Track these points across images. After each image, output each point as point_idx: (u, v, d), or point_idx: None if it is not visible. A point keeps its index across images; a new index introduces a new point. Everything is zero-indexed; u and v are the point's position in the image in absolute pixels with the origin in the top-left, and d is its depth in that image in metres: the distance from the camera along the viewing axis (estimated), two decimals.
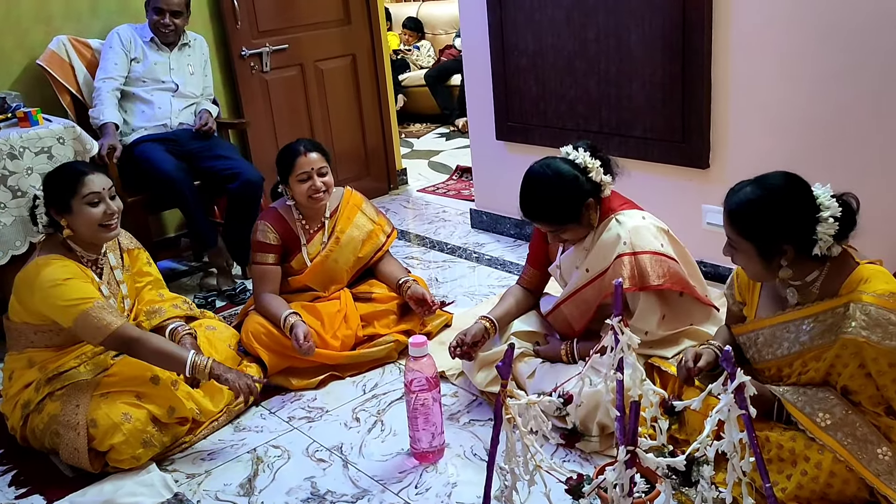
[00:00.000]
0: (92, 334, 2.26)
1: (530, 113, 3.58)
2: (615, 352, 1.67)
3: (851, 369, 1.77)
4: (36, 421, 2.33)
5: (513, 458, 1.68)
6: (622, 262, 2.25)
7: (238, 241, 3.45)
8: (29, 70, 3.52)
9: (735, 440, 1.48)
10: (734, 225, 1.84)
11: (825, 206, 1.76)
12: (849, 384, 1.80)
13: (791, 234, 1.78)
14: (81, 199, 2.31)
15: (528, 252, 2.64)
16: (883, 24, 2.47)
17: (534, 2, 3.38)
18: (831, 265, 1.84)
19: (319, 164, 2.83)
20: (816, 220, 1.76)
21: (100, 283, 2.41)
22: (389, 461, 2.29)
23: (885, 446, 1.74)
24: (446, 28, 7.43)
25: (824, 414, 1.78)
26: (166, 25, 3.47)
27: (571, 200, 2.26)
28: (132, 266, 2.60)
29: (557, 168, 2.27)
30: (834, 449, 1.74)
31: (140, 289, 2.63)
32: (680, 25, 2.92)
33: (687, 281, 2.30)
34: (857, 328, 1.73)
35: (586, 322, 2.42)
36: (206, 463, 2.35)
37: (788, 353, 1.91)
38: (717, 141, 2.99)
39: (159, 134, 3.51)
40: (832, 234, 1.76)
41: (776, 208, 1.78)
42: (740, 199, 1.83)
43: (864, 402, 1.80)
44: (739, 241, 1.84)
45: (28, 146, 2.97)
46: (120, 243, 2.56)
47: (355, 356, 2.78)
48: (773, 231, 1.79)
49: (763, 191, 1.81)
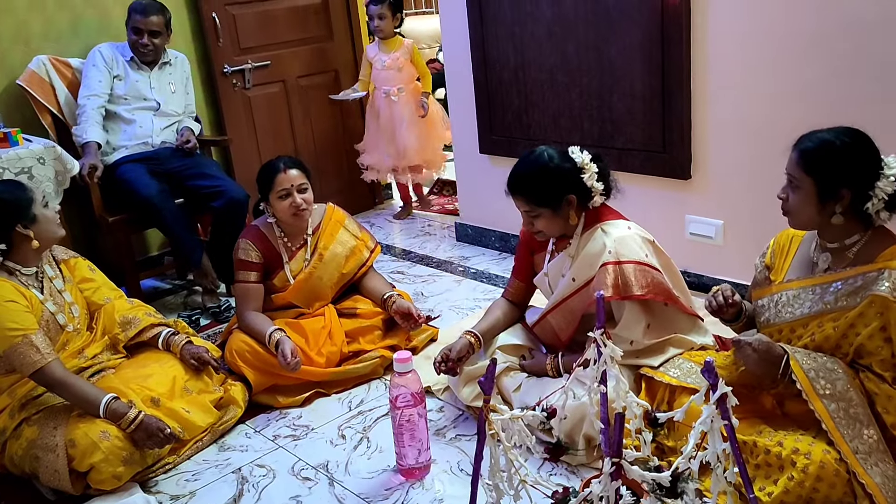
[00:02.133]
0: (20, 368, 2.27)
1: (513, 126, 3.59)
2: (598, 364, 1.67)
3: (872, 329, 1.83)
4: (14, 447, 2.30)
5: (497, 473, 1.67)
6: (606, 270, 2.26)
7: (223, 259, 3.43)
8: (8, 90, 3.51)
9: (719, 450, 1.48)
10: (803, 160, 1.89)
11: (891, 166, 1.84)
12: (866, 344, 1.84)
13: (853, 180, 1.84)
14: (41, 206, 2.38)
15: (514, 264, 2.64)
16: (860, 35, 2.49)
17: (515, 16, 3.40)
18: (872, 234, 1.90)
19: (299, 181, 2.82)
20: (878, 176, 1.83)
21: (43, 300, 2.40)
22: (376, 478, 2.27)
23: (872, 429, 1.79)
24: (429, 42, 7.45)
25: (826, 383, 1.83)
26: (145, 45, 3.46)
27: (553, 184, 2.28)
28: (73, 276, 2.59)
29: (552, 153, 2.32)
30: (822, 418, 1.79)
31: (90, 296, 2.60)
32: (659, 39, 2.94)
33: (670, 291, 2.31)
34: (889, 288, 1.80)
35: (573, 331, 2.42)
36: (191, 484, 2.33)
37: (809, 313, 1.95)
38: (699, 152, 3.01)
39: (141, 153, 3.50)
40: (890, 192, 1.83)
41: (846, 151, 1.86)
42: (813, 139, 1.90)
43: (874, 365, 1.84)
44: (802, 178, 1.89)
45: (8, 167, 2.95)
46: (54, 256, 2.56)
47: (340, 373, 2.77)
48: (837, 171, 1.85)
49: (837, 136, 1.88)
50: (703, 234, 3.10)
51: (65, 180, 3.16)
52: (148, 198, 3.31)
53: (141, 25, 3.45)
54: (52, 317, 2.42)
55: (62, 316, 2.45)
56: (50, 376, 2.26)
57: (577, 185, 2.30)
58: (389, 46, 4.32)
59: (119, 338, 2.54)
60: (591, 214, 2.36)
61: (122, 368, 2.50)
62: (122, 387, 2.36)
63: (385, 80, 4.33)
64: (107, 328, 2.58)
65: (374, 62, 4.34)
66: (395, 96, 4.32)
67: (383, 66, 4.31)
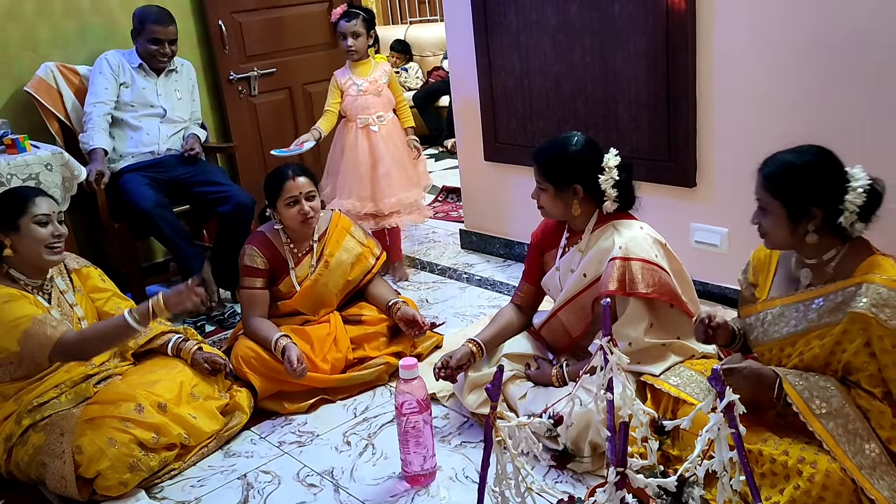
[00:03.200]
0: (39, 352, 2.25)
1: (518, 134, 3.60)
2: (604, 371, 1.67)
3: (857, 346, 1.82)
4: (20, 454, 2.31)
5: (504, 480, 1.67)
6: (614, 264, 2.28)
7: (228, 264, 3.44)
8: (16, 97, 3.53)
9: (725, 459, 1.49)
10: (768, 184, 1.90)
11: (856, 178, 1.84)
12: (852, 360, 1.84)
13: (821, 197, 1.85)
14: (31, 219, 2.33)
15: (524, 268, 2.66)
16: (863, 44, 2.50)
17: (520, 24, 3.41)
18: (850, 247, 1.90)
19: (307, 189, 2.83)
20: (846, 190, 1.83)
21: (49, 308, 2.39)
22: (381, 485, 2.27)
23: (873, 443, 1.78)
24: (434, 50, 7.48)
25: (821, 402, 1.82)
26: (164, 54, 3.49)
27: (564, 166, 2.34)
28: (83, 286, 2.58)
29: (582, 140, 2.37)
30: (822, 438, 1.77)
31: (101, 306, 2.60)
32: (664, 47, 2.95)
33: (676, 293, 2.31)
34: (867, 304, 1.79)
35: (584, 328, 2.43)
36: (196, 490, 2.33)
37: (794, 331, 1.94)
38: (704, 160, 3.01)
39: (146, 161, 3.51)
40: (859, 204, 1.82)
41: (809, 171, 1.86)
42: (776, 162, 1.91)
43: (862, 381, 1.83)
44: (770, 202, 1.90)
45: (16, 173, 2.97)
46: (66, 266, 2.55)
47: (346, 379, 2.77)
48: (804, 191, 1.86)
49: (798, 156, 1.89)
50: (709, 242, 3.10)
51: (72, 186, 3.18)
52: (145, 210, 3.30)
53: (161, 35, 3.46)
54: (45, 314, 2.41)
55: (69, 324, 2.45)
56: (69, 343, 2.26)
57: (590, 181, 2.33)
58: (364, 69, 3.70)
59: (129, 345, 2.54)
60: (602, 215, 2.39)
61: (128, 375, 2.51)
62: (129, 391, 2.36)
63: (362, 108, 3.67)
64: None
65: (347, 88, 3.69)
66: (376, 126, 3.68)
67: (359, 92, 3.67)
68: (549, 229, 2.57)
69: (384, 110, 3.72)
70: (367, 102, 3.67)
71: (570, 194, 2.35)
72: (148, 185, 3.39)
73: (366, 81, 3.67)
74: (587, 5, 3.14)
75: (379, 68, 3.73)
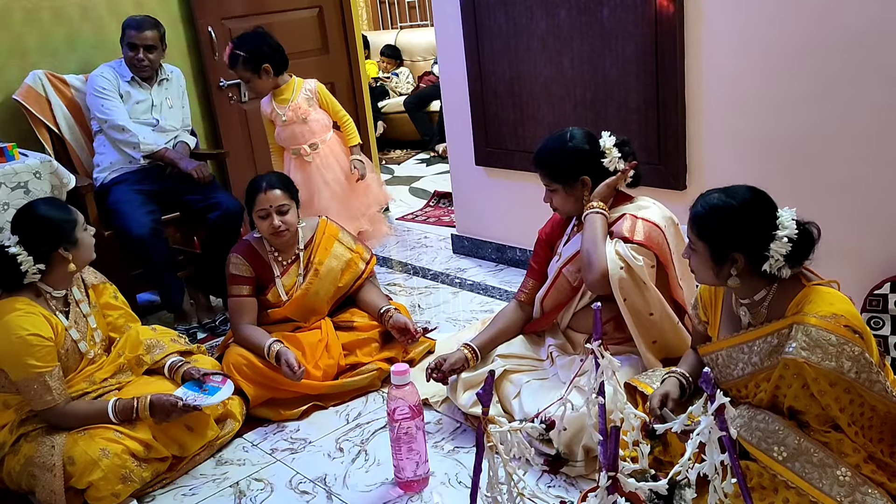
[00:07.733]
0: (30, 400, 2.28)
1: (509, 138, 3.60)
2: (596, 375, 1.67)
3: (795, 389, 1.79)
4: (12, 463, 2.29)
5: (496, 485, 1.67)
6: (625, 217, 2.37)
7: (218, 271, 3.43)
8: (4, 105, 3.51)
9: (716, 462, 1.49)
10: (694, 225, 1.89)
11: (784, 226, 1.80)
12: (794, 404, 1.81)
13: (744, 244, 1.83)
14: (81, 227, 2.39)
15: (530, 265, 2.67)
16: (854, 48, 2.51)
17: (510, 29, 3.42)
18: (780, 286, 1.87)
19: (279, 202, 2.79)
20: (772, 238, 1.80)
21: (68, 326, 2.39)
22: (374, 491, 2.27)
23: (843, 467, 1.74)
24: (424, 55, 7.49)
25: (779, 447, 1.79)
26: (140, 60, 3.47)
27: (568, 163, 2.38)
28: (98, 300, 2.58)
29: (576, 133, 2.40)
30: (794, 483, 1.75)
31: (113, 322, 2.61)
32: (653, 51, 2.96)
33: (666, 253, 2.36)
34: (797, 349, 1.75)
35: None
36: (188, 499, 2.32)
37: (743, 375, 1.93)
38: (694, 163, 3.02)
39: (136, 169, 3.48)
40: (784, 253, 1.80)
41: (735, 215, 1.83)
42: (704, 202, 1.89)
43: (811, 422, 1.81)
44: (696, 242, 1.89)
45: (4, 181, 2.95)
46: (84, 279, 2.55)
47: (338, 385, 2.76)
48: (727, 236, 1.84)
49: (727, 198, 1.86)
50: None
51: (61, 195, 3.16)
52: (139, 237, 3.24)
53: (136, 41, 3.45)
54: (74, 345, 2.41)
55: (84, 344, 2.44)
56: (58, 414, 2.29)
57: (595, 168, 2.37)
58: (284, 95, 3.50)
59: (144, 360, 2.53)
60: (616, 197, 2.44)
61: (126, 387, 2.49)
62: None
63: (291, 139, 3.50)
64: (129, 350, 2.55)
65: (274, 119, 3.51)
66: (309, 156, 3.50)
67: (283, 123, 3.49)
68: (556, 224, 2.61)
69: (317, 135, 3.54)
70: (293, 132, 3.51)
71: (579, 188, 2.40)
72: (141, 204, 3.34)
73: (287, 110, 3.49)
74: (576, 10, 3.15)
75: (302, 92, 3.53)
